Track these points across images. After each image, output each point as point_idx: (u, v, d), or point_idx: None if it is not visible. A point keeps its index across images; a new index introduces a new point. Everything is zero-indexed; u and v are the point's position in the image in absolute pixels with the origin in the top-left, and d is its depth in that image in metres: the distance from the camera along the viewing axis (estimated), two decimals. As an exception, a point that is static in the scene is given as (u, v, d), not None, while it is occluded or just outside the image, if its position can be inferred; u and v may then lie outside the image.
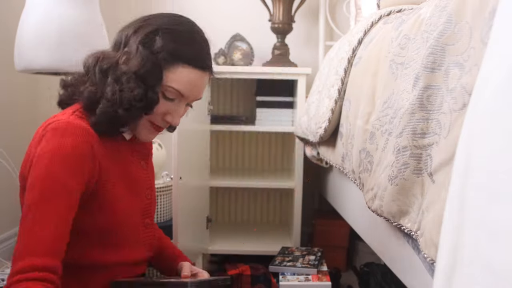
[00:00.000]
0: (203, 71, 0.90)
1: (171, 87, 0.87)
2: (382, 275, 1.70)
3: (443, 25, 0.74)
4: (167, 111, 0.90)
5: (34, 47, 1.43)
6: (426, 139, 0.77)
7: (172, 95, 0.88)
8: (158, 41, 0.85)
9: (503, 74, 0.41)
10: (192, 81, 0.88)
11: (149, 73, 0.85)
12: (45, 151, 0.79)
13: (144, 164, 1.01)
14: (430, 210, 0.72)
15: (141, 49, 0.85)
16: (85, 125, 0.83)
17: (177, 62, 0.86)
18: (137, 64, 0.85)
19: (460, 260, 0.44)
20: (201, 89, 0.92)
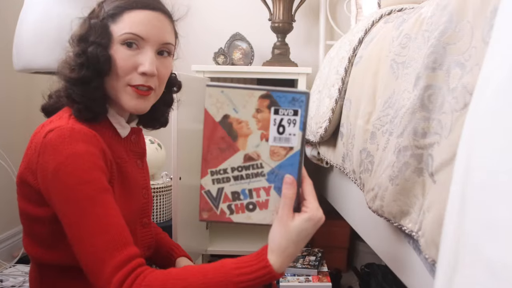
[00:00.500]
0: (151, 10, 0.87)
1: (124, 33, 0.85)
2: (383, 276, 1.70)
3: (444, 24, 0.74)
4: (136, 62, 0.86)
5: (33, 47, 1.43)
6: (427, 139, 0.76)
7: (130, 40, 0.85)
8: (102, 8, 0.88)
9: (504, 73, 0.41)
10: (142, 20, 0.86)
11: (91, 31, 0.85)
12: (61, 160, 0.76)
13: (140, 163, 1.00)
14: (431, 211, 0.72)
15: (87, 21, 0.87)
16: (88, 129, 0.81)
17: (122, 12, 0.86)
18: (76, 29, 0.88)
19: (461, 261, 0.44)
20: (159, 28, 0.88)
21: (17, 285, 1.61)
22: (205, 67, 1.99)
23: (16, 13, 1.54)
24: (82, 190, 0.75)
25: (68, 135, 0.78)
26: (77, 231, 0.74)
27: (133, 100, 0.88)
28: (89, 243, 0.73)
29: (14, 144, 1.94)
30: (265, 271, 0.71)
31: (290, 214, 0.72)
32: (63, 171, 0.75)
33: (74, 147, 0.77)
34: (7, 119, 1.97)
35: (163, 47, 0.90)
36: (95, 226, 0.73)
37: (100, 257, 0.72)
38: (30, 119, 2.09)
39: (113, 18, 0.86)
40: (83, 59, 0.84)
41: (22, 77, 1.97)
